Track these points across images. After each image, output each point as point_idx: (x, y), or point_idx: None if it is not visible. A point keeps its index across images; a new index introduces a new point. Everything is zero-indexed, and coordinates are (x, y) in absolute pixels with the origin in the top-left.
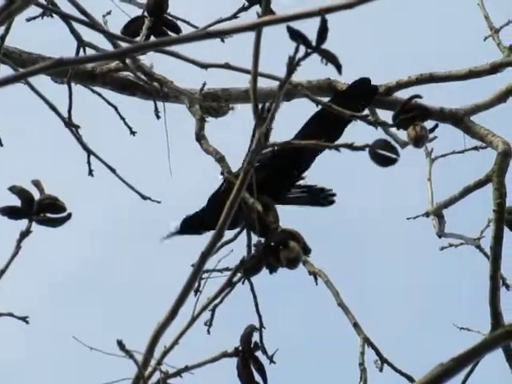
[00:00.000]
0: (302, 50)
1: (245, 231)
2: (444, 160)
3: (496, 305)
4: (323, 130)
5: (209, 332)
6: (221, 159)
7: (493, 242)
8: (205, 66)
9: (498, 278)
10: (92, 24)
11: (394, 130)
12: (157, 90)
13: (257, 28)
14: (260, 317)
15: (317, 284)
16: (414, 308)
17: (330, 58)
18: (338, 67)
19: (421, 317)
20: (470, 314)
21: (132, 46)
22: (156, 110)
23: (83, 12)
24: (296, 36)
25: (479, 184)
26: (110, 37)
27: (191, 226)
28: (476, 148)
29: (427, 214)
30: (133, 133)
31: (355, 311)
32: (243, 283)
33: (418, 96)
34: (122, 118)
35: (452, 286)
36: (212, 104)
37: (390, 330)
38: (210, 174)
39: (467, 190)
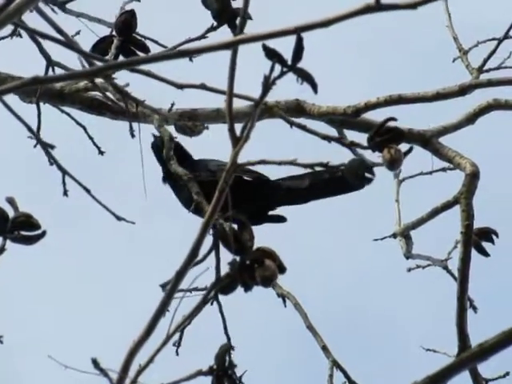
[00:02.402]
0: (278, 68)
1: (214, 252)
2: (412, 181)
3: (463, 326)
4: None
5: (177, 353)
6: (189, 180)
7: (460, 264)
8: (180, 87)
9: (465, 299)
10: (68, 43)
11: (363, 151)
12: (124, 110)
13: (232, 46)
14: (229, 338)
15: (285, 306)
16: (381, 329)
17: (306, 77)
18: (314, 86)
19: (388, 338)
20: (436, 336)
21: (106, 64)
22: (131, 129)
23: (59, 31)
24: (271, 55)
25: (447, 205)
26: (86, 56)
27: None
28: (444, 169)
29: (394, 235)
30: (101, 152)
31: (323, 334)
32: (212, 304)
33: (393, 118)
34: (91, 138)
35: (419, 308)
36: (187, 123)
37: (358, 352)
38: None
39: (435, 212)
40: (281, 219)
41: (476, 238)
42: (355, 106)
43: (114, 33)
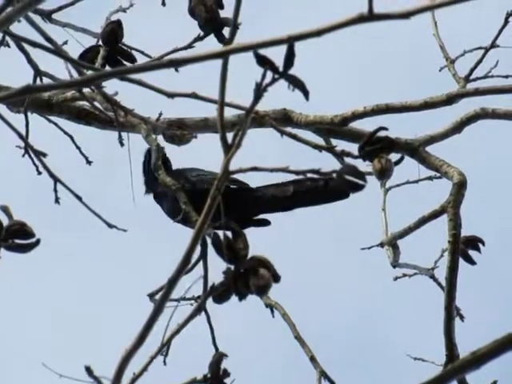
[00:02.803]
0: (269, 75)
1: (202, 262)
2: (398, 190)
3: (451, 335)
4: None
5: (165, 363)
6: (177, 190)
7: (448, 272)
8: (171, 96)
9: (452, 308)
10: (58, 52)
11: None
12: (112, 120)
13: (225, 56)
14: (217, 349)
15: (273, 317)
16: (368, 339)
17: (297, 84)
18: (306, 93)
19: (375, 347)
20: (423, 345)
21: (97, 73)
22: (120, 138)
23: (49, 39)
24: (263, 61)
25: (434, 215)
26: (76, 64)
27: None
28: (430, 178)
29: (382, 245)
30: (89, 162)
31: (312, 344)
32: (200, 315)
33: (384, 128)
34: (78, 148)
35: (405, 316)
36: (176, 132)
37: (346, 362)
38: None
39: (422, 221)
40: (265, 223)
41: (463, 247)
42: (342, 115)
43: (100, 43)
